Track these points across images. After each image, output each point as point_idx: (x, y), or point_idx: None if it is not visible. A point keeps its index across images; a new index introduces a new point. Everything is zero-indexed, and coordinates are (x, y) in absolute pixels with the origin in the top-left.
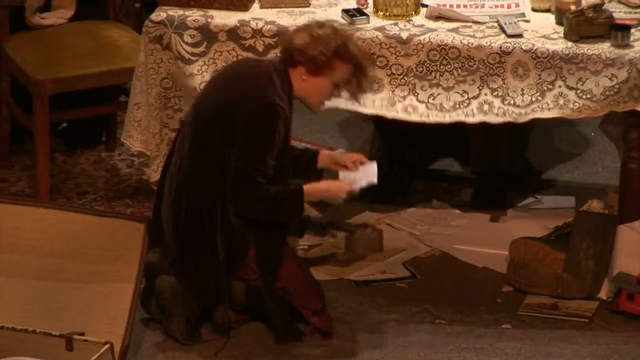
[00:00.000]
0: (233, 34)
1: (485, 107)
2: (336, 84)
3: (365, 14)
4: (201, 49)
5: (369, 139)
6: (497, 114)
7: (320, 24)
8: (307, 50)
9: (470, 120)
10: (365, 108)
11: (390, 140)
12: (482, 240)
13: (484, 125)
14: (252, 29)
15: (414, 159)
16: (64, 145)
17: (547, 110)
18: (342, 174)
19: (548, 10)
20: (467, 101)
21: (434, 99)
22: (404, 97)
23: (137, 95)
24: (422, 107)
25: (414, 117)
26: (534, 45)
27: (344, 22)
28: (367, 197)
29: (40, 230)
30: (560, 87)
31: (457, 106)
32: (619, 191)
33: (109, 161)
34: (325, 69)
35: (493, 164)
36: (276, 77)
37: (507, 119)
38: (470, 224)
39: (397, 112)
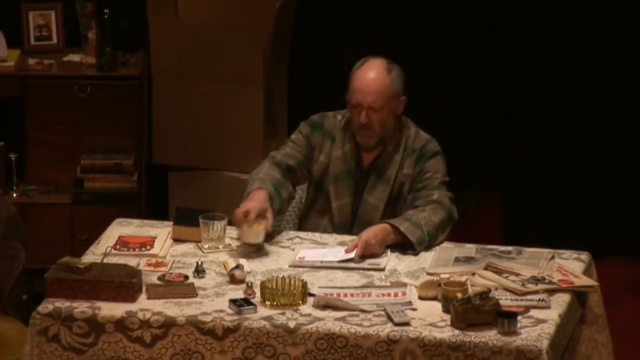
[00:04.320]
0: (120, 325)
1: None
2: None
3: (253, 304)
4: (90, 339)
5: None
6: None
7: None
8: None
9: None
10: None
11: None
12: None
13: None
14: (140, 319)
15: None
16: None
17: None
18: None
19: (435, 298)
20: None
21: None
22: None
23: None
24: None
25: None
26: (421, 333)
27: (230, 311)
28: None
29: None
30: None
31: None
32: None
33: None
34: None
35: None
36: None
37: None
38: None
39: None
